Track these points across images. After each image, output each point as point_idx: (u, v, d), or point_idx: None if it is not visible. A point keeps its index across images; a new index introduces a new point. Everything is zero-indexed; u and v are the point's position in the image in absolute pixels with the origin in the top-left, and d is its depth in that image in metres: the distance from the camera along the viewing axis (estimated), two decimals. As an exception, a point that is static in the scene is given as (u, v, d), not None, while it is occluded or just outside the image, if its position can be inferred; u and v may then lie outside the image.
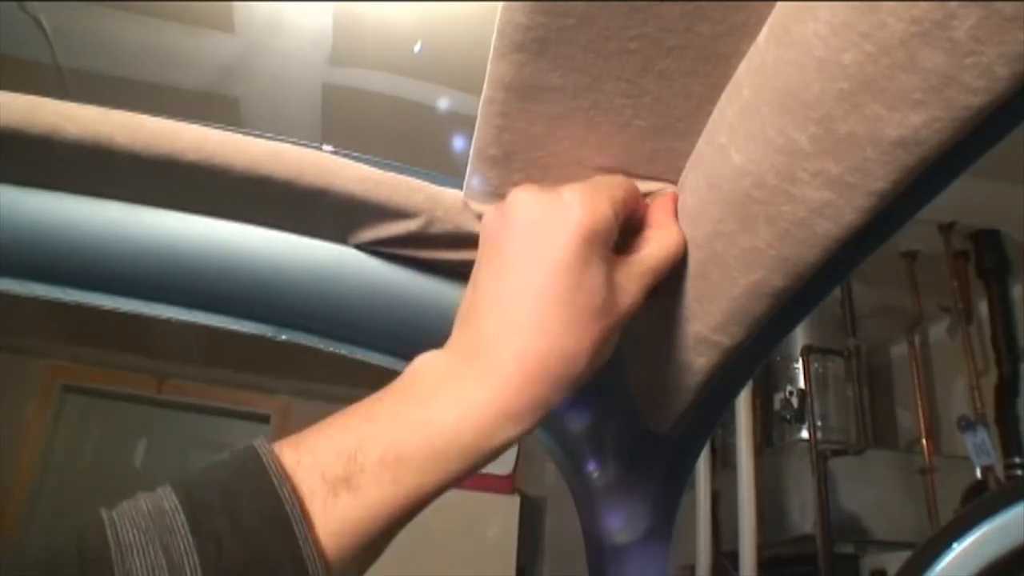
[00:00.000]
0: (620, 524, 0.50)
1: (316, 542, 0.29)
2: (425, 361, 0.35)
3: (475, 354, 0.34)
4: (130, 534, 0.27)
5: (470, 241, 0.44)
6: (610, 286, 0.35)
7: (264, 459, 0.30)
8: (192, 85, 2.14)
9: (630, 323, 0.37)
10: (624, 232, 0.38)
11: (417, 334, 0.43)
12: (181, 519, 0.28)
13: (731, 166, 0.34)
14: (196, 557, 0.27)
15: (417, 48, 1.96)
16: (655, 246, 0.38)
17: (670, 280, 0.41)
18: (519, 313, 0.34)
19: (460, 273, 0.47)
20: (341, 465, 0.30)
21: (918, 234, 2.41)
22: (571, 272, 0.34)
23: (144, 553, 0.27)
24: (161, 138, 0.41)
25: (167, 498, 0.29)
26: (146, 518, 0.28)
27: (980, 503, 0.65)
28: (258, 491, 0.29)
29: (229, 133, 0.42)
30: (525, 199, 0.36)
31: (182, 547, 0.27)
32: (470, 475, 0.33)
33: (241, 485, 0.29)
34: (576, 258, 0.34)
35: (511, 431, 0.33)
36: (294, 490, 0.29)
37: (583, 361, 0.34)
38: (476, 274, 0.37)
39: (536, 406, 0.33)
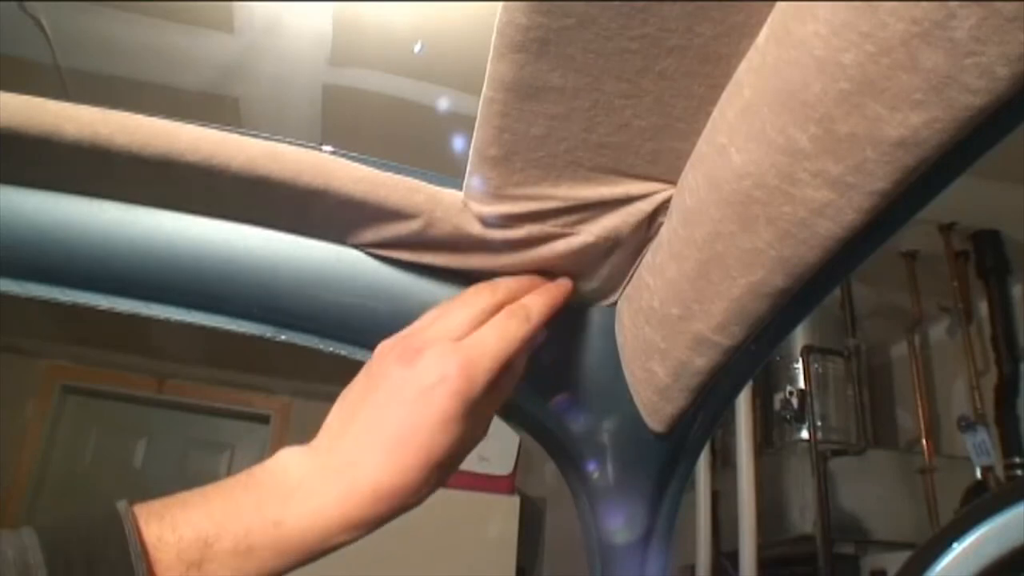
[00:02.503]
0: (620, 524, 0.50)
1: None
2: (289, 460, 0.40)
3: (336, 471, 0.39)
4: None
5: (470, 242, 0.44)
6: (465, 438, 0.41)
7: (127, 532, 0.33)
8: (192, 85, 2.14)
9: (630, 324, 0.37)
10: None
11: (417, 334, 0.43)
12: None
13: (731, 166, 0.34)
14: None
15: (417, 48, 1.96)
16: (499, 396, 0.44)
17: (670, 280, 0.41)
18: (383, 450, 0.39)
19: (460, 274, 0.47)
20: (197, 550, 0.35)
21: (918, 234, 2.41)
22: (434, 429, 0.39)
23: None
24: (160, 138, 0.41)
25: (33, 553, 0.32)
26: (11, 570, 0.31)
27: (980, 503, 0.65)
28: (117, 564, 0.33)
29: (228, 133, 0.42)
30: (418, 350, 0.41)
31: None
32: (304, 564, 0.38)
33: (103, 554, 0.33)
34: (440, 418, 0.39)
35: (348, 538, 0.38)
36: (150, 567, 0.33)
37: (422, 495, 0.40)
38: (358, 387, 0.42)
39: (373, 522, 0.39)
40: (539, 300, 0.44)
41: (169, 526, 0.35)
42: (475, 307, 0.43)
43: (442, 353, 0.40)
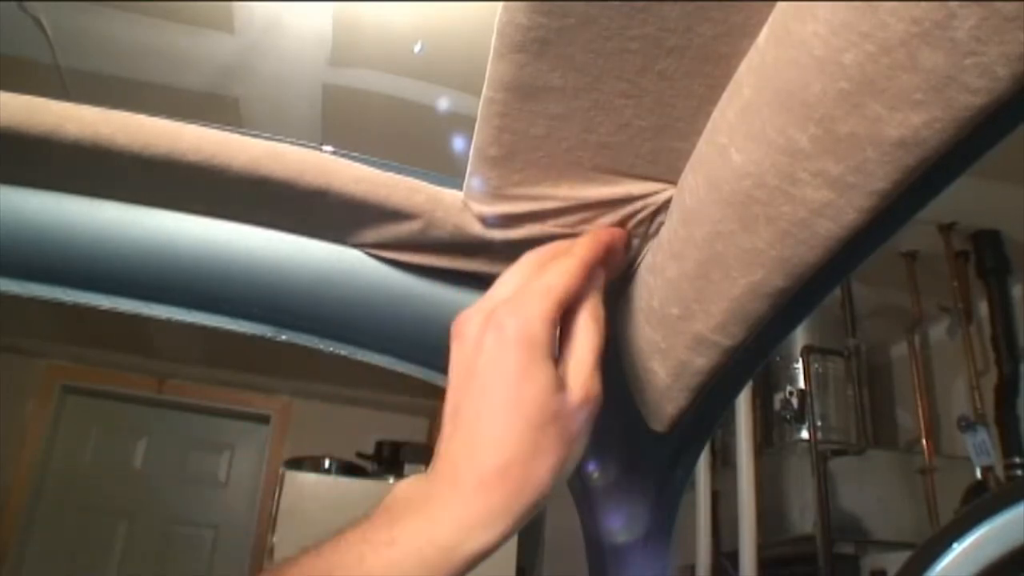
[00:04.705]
0: (620, 524, 0.50)
1: None
2: (401, 486, 0.37)
3: (443, 475, 0.36)
4: None
5: (470, 242, 0.44)
6: (557, 387, 0.37)
7: None
8: (192, 85, 2.14)
9: (630, 324, 0.37)
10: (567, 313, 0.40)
11: (417, 334, 0.43)
12: None
13: (731, 166, 0.34)
14: None
15: (417, 48, 1.96)
16: (588, 340, 0.40)
17: (670, 280, 0.41)
18: (475, 432, 0.36)
19: (460, 274, 0.47)
20: None
21: (918, 234, 2.41)
22: (512, 385, 0.36)
23: None
24: (161, 138, 0.41)
25: None
26: None
27: (980, 503, 0.65)
28: None
29: (229, 133, 0.42)
30: (467, 320, 0.39)
31: None
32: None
33: None
34: (514, 371, 0.36)
35: (475, 543, 0.34)
36: None
37: (544, 466, 0.36)
38: (446, 398, 0.39)
39: (499, 516, 0.34)
40: (582, 239, 0.42)
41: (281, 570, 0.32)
42: (520, 268, 0.41)
43: (488, 312, 0.38)
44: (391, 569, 0.32)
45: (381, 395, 3.85)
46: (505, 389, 0.36)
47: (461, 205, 0.43)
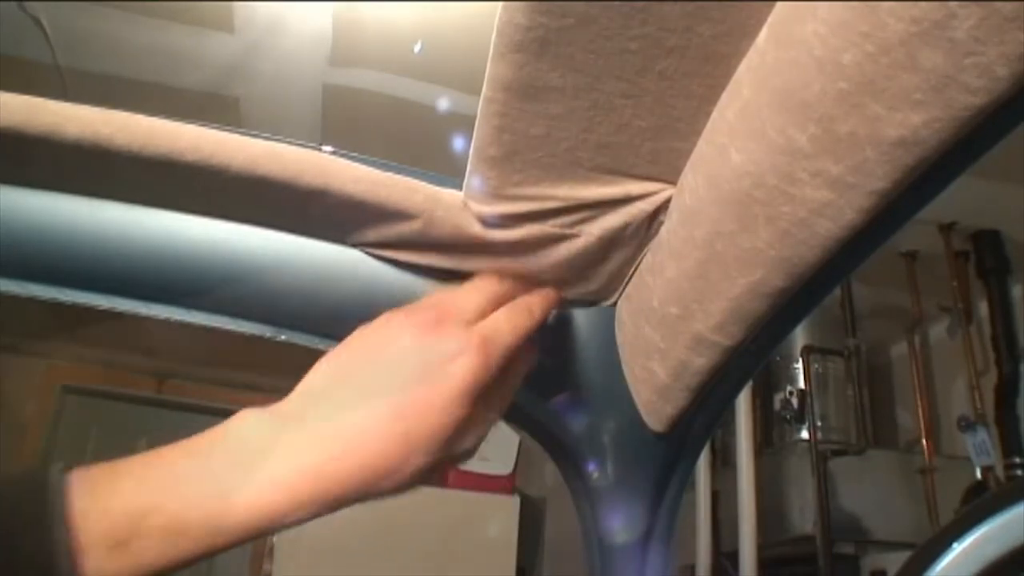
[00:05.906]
0: (620, 524, 0.50)
1: None
2: (249, 424, 0.36)
3: (312, 437, 0.35)
4: None
5: (470, 242, 0.44)
6: (462, 430, 0.38)
7: (54, 503, 0.31)
8: (192, 85, 2.14)
9: (630, 324, 0.37)
10: None
11: (417, 334, 0.43)
12: None
13: (731, 166, 0.34)
14: None
15: (417, 48, 1.96)
16: (505, 391, 0.43)
17: (670, 280, 0.41)
18: (378, 416, 0.36)
19: (460, 274, 0.47)
20: (126, 529, 0.31)
21: (918, 234, 2.41)
22: (447, 407, 0.37)
23: None
24: (160, 138, 0.41)
25: None
26: None
27: (980, 503, 0.65)
28: (39, 538, 0.30)
29: (228, 133, 0.42)
30: (448, 319, 0.40)
31: None
32: (244, 543, 0.34)
33: (25, 527, 0.30)
34: (455, 399, 0.37)
35: (294, 519, 0.34)
36: (72, 543, 0.30)
37: (396, 481, 0.36)
38: (354, 350, 0.39)
39: (326, 505, 0.35)
40: (538, 299, 0.45)
41: (102, 498, 0.32)
42: (485, 293, 0.43)
43: (462, 329, 0.39)
44: (210, 522, 0.33)
45: (381, 395, 3.84)
46: (436, 403, 0.37)
47: (461, 205, 0.43)
